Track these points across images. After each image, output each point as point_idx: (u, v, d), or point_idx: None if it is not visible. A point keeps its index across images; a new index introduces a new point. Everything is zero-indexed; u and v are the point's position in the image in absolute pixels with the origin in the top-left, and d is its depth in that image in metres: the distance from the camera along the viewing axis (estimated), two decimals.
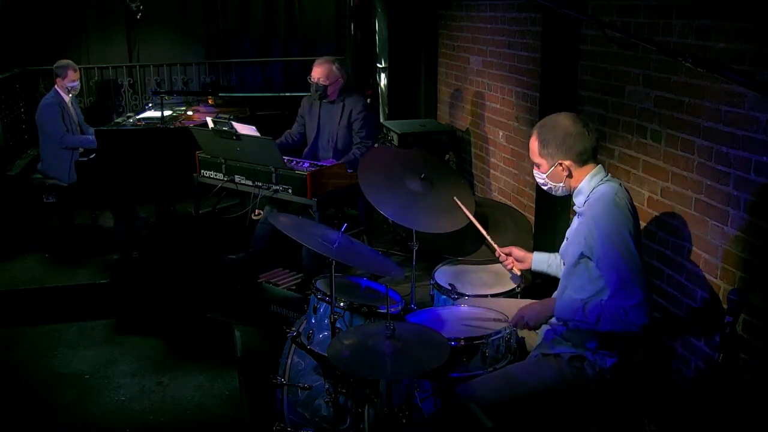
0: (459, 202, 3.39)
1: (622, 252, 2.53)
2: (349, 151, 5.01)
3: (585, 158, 2.69)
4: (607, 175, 2.71)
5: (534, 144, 2.73)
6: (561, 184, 2.74)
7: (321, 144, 5.16)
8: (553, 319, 2.74)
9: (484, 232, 3.27)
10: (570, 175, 2.71)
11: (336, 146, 5.07)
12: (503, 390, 2.68)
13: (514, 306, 2.92)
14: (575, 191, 2.75)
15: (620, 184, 2.69)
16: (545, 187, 2.81)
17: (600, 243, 2.57)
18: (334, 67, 4.99)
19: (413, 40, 6.80)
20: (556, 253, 3.05)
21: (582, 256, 2.66)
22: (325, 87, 4.98)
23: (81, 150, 5.88)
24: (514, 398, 2.67)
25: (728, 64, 2.61)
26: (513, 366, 2.83)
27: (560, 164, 2.68)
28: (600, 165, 2.73)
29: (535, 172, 2.79)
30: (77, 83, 6.06)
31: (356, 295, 3.19)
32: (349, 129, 5.05)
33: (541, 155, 2.71)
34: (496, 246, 3.23)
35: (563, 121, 2.69)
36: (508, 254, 3.19)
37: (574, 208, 2.78)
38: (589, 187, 2.69)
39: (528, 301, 2.95)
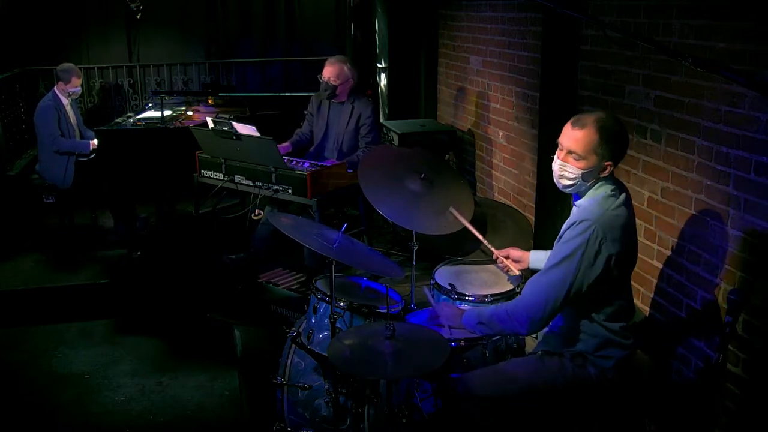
0: (455, 213, 3.35)
1: (564, 267, 2.53)
2: (353, 154, 5.01)
3: (619, 164, 2.65)
4: (609, 181, 2.63)
5: (592, 137, 2.55)
6: (587, 183, 2.63)
7: (327, 145, 5.16)
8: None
9: (481, 238, 3.26)
10: (602, 176, 2.61)
11: (341, 148, 5.07)
12: (505, 387, 2.68)
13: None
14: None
15: (617, 190, 2.63)
16: (568, 182, 2.64)
17: (557, 249, 2.59)
18: (345, 68, 4.98)
19: (413, 40, 6.80)
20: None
21: None
22: (335, 87, 4.98)
23: (77, 152, 5.86)
24: (516, 396, 2.68)
25: (728, 64, 2.62)
26: (515, 362, 2.82)
27: (606, 166, 2.58)
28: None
29: (569, 164, 2.60)
30: (79, 89, 6.02)
31: (356, 295, 3.19)
32: (355, 132, 5.05)
33: (594, 151, 2.56)
34: (493, 249, 3.21)
35: (619, 123, 2.62)
36: (506, 257, 3.16)
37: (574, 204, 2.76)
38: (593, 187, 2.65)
39: None
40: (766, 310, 2.79)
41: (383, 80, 7.11)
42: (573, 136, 2.58)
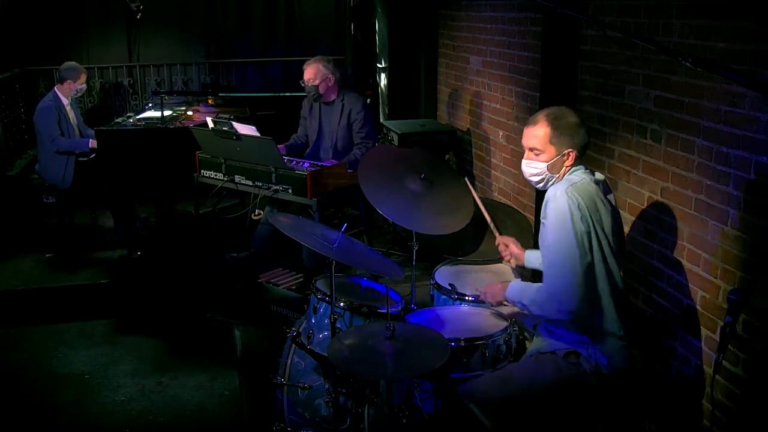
0: (469, 184, 3.51)
1: (563, 238, 2.61)
2: (350, 152, 5.00)
3: (584, 152, 2.78)
4: (581, 167, 2.76)
5: (544, 130, 2.72)
6: (556, 176, 2.76)
7: (322, 145, 5.16)
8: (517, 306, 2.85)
9: (488, 217, 3.30)
10: (569, 165, 2.74)
11: (336, 147, 5.07)
12: (504, 389, 2.69)
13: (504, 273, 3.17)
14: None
15: (589, 173, 2.75)
16: (537, 178, 2.78)
17: (549, 225, 2.66)
18: (321, 66, 4.95)
19: (413, 40, 6.79)
20: None
21: None
22: (316, 87, 4.97)
23: (77, 151, 5.85)
24: (515, 397, 2.68)
25: (728, 64, 2.62)
26: (512, 366, 2.83)
27: (567, 153, 2.71)
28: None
29: (532, 161, 2.77)
30: (85, 86, 6.03)
31: (356, 295, 3.19)
32: (348, 129, 5.04)
33: (551, 142, 2.71)
34: (497, 234, 3.25)
35: (570, 113, 2.76)
36: (507, 246, 3.23)
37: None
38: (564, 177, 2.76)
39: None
40: (766, 310, 2.78)
41: (383, 80, 7.11)
42: (529, 134, 2.77)
